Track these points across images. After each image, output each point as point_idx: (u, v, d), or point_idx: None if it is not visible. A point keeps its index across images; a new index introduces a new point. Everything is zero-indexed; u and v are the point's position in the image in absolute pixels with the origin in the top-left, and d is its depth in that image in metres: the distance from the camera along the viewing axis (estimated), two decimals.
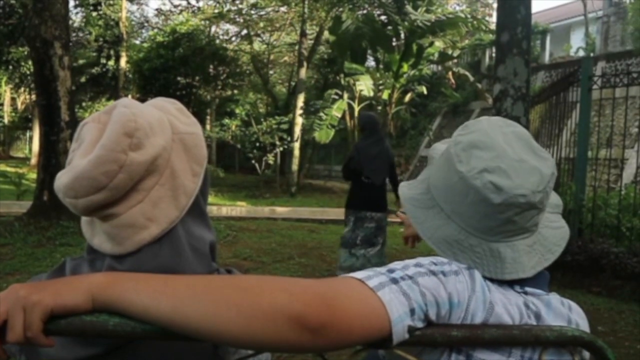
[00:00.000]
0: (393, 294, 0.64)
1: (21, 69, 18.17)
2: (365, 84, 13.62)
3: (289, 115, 16.08)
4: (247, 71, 20.46)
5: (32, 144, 20.15)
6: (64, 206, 0.71)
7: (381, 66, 14.63)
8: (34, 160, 17.08)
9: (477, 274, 0.73)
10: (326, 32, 16.25)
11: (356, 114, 14.99)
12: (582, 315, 0.81)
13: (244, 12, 18.69)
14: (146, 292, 0.61)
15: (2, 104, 25.16)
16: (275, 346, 0.60)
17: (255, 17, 19.34)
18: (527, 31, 4.72)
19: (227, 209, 11.78)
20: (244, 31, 20.40)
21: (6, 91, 24.05)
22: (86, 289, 0.62)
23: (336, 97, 14.77)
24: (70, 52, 7.65)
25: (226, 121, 17.97)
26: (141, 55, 18.76)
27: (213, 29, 20.83)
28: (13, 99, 25.71)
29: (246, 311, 0.59)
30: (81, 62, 19.20)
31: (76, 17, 19.12)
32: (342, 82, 14.84)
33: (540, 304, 0.75)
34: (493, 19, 19.09)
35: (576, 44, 20.76)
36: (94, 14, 18.14)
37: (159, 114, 0.75)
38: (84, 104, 19.64)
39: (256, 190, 15.48)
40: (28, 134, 26.15)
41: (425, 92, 15.71)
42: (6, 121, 25.24)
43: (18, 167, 18.12)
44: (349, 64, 14.01)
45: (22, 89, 22.65)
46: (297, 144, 15.40)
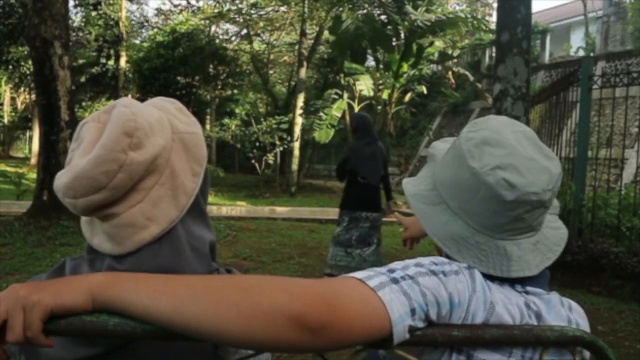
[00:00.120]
0: (394, 294, 0.64)
1: (21, 68, 18.17)
2: (365, 84, 13.62)
3: (289, 115, 16.06)
4: (247, 71, 20.44)
5: (32, 144, 20.12)
6: (63, 206, 0.70)
7: (381, 66, 14.62)
8: (33, 160, 17.07)
9: (477, 274, 0.73)
10: (326, 31, 16.24)
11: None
12: (583, 314, 0.81)
13: (244, 11, 18.69)
14: (146, 292, 0.61)
15: (2, 104, 25.15)
16: (275, 346, 0.60)
17: (255, 16, 19.33)
18: (527, 31, 4.72)
19: (227, 208, 11.78)
20: (244, 31, 20.39)
21: (6, 91, 24.03)
22: (86, 289, 0.62)
23: (336, 97, 14.76)
24: (70, 52, 7.65)
25: (226, 121, 17.96)
26: (141, 54, 18.75)
27: (213, 28, 20.82)
28: (13, 99, 25.70)
29: (246, 311, 0.59)
30: (81, 61, 19.19)
31: (76, 16, 19.13)
32: (342, 81, 14.84)
33: (541, 303, 0.75)
34: (493, 19, 19.09)
35: (576, 44, 20.77)
36: (94, 13, 18.14)
37: (159, 113, 0.74)
38: (83, 103, 19.64)
39: (256, 190, 15.47)
40: (28, 134, 26.12)
41: (425, 91, 15.71)
42: (6, 121, 25.22)
43: (18, 166, 18.11)
44: (349, 63, 14.00)
45: (22, 89, 22.65)
46: (297, 144, 15.40)
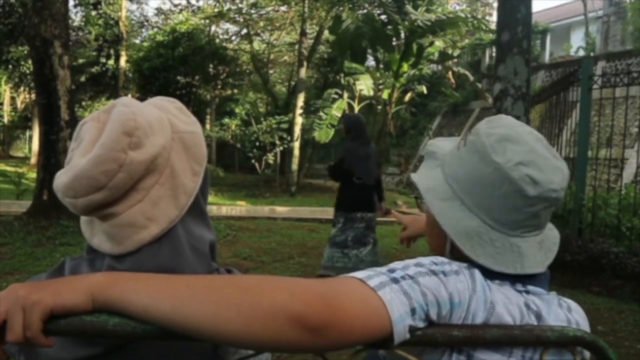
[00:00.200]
0: (394, 294, 0.64)
1: (21, 68, 18.16)
2: (365, 84, 13.61)
3: (289, 115, 16.06)
4: (247, 70, 20.44)
5: (32, 143, 20.12)
6: (63, 205, 0.70)
7: (381, 66, 14.61)
8: (33, 160, 17.06)
9: (477, 274, 0.73)
10: (326, 31, 16.23)
11: (356, 113, 14.99)
12: (582, 314, 0.81)
13: (244, 11, 18.68)
14: (146, 291, 0.61)
15: (1, 103, 25.14)
16: (275, 346, 0.60)
17: (255, 16, 19.32)
18: (527, 30, 4.72)
19: (226, 208, 11.78)
20: (244, 30, 20.37)
21: (6, 90, 24.02)
22: (86, 289, 0.62)
23: (336, 97, 14.76)
24: (70, 51, 7.65)
25: (226, 120, 17.95)
26: (141, 54, 18.75)
27: (213, 28, 20.81)
28: (13, 98, 25.68)
29: (246, 311, 0.58)
30: (81, 61, 19.18)
31: (76, 16, 19.13)
32: (342, 81, 14.84)
33: (541, 303, 0.75)
34: (493, 19, 19.09)
35: (576, 44, 20.77)
36: (94, 13, 18.14)
37: (159, 113, 0.74)
38: (83, 103, 19.63)
39: (256, 190, 15.47)
40: (28, 133, 26.12)
41: (425, 91, 15.72)
42: (6, 120, 25.20)
43: (18, 166, 18.09)
44: (349, 63, 14.00)
45: (22, 88, 22.65)
46: (297, 144, 15.39)
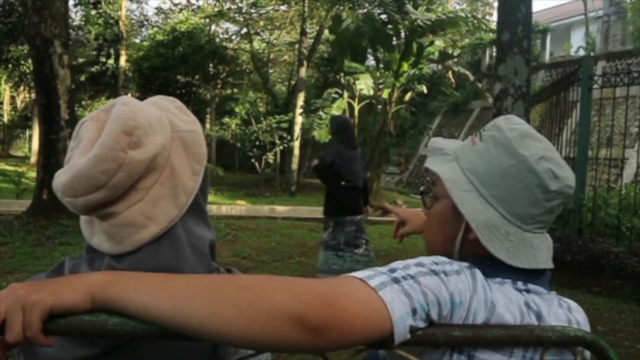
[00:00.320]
0: (394, 294, 0.64)
1: (21, 67, 18.15)
2: (365, 83, 13.60)
3: (289, 114, 16.06)
4: (247, 70, 20.44)
5: (32, 143, 20.11)
6: (63, 205, 0.70)
7: (381, 65, 14.60)
8: (33, 159, 17.05)
9: (478, 274, 0.73)
10: (326, 31, 16.23)
11: (356, 112, 14.98)
12: (583, 313, 0.81)
13: (244, 10, 18.67)
14: (146, 291, 0.61)
15: (1, 103, 25.13)
16: (276, 346, 0.60)
17: (255, 15, 19.32)
18: (527, 30, 4.72)
19: (226, 207, 11.78)
20: (244, 30, 20.37)
21: (6, 90, 24.01)
22: (86, 289, 0.61)
23: (336, 96, 14.76)
24: (69, 51, 7.66)
25: (226, 120, 17.95)
26: (141, 53, 18.75)
27: (213, 27, 20.81)
28: (13, 98, 25.68)
29: (246, 311, 0.58)
30: (81, 60, 19.19)
31: (76, 15, 19.13)
32: (342, 81, 14.83)
33: (541, 302, 0.75)
34: (493, 18, 19.09)
35: (576, 43, 20.77)
36: (94, 12, 18.13)
37: (159, 112, 0.74)
38: (83, 102, 19.63)
39: (256, 189, 15.47)
40: (28, 133, 26.10)
41: (426, 91, 15.72)
42: (6, 120, 25.19)
43: (18, 165, 18.07)
44: (349, 62, 13.99)
45: (22, 88, 22.66)
46: (297, 143, 15.40)
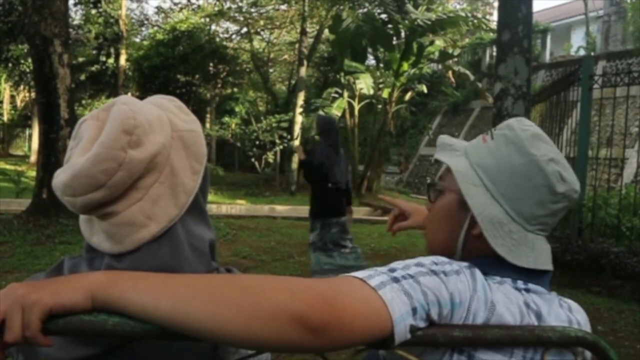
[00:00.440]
0: (394, 293, 0.64)
1: (21, 66, 18.14)
2: (365, 83, 13.60)
3: (289, 114, 16.06)
4: (247, 69, 20.45)
5: (32, 142, 20.11)
6: (63, 204, 0.70)
7: (381, 65, 14.60)
8: (33, 158, 17.04)
9: (478, 274, 0.72)
10: (326, 30, 16.22)
11: (356, 112, 14.97)
12: (584, 314, 0.81)
13: (244, 10, 18.68)
14: (146, 291, 0.61)
15: (1, 102, 25.11)
16: (276, 346, 0.60)
17: (255, 15, 19.32)
18: (528, 30, 4.71)
19: (226, 207, 11.78)
20: (244, 29, 20.37)
21: (5, 89, 24.00)
22: (85, 288, 0.61)
23: (336, 96, 14.74)
24: (69, 50, 7.65)
25: (226, 119, 17.94)
26: (141, 53, 18.76)
27: (213, 27, 20.79)
28: (12, 97, 25.67)
29: (246, 311, 0.58)
30: (81, 59, 19.18)
31: (76, 14, 19.12)
32: (342, 80, 14.81)
33: (541, 302, 0.75)
34: (493, 18, 19.08)
35: (577, 43, 20.78)
36: (94, 11, 18.12)
37: (158, 111, 0.74)
38: (83, 101, 19.63)
39: (256, 189, 15.47)
40: (27, 132, 26.12)
41: (426, 90, 15.70)
42: (5, 119, 25.18)
43: (17, 164, 18.05)
44: (349, 62, 13.98)
45: (22, 87, 22.65)
46: (296, 142, 15.39)
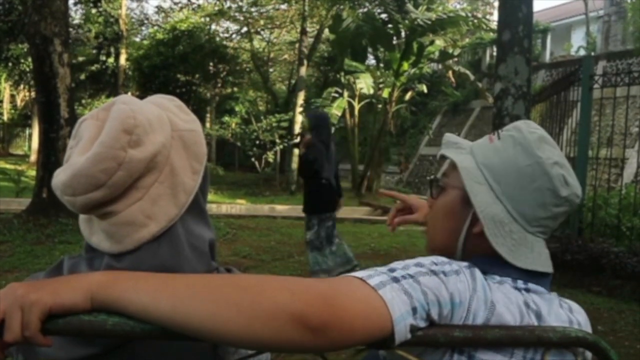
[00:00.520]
0: (394, 293, 0.64)
1: (21, 66, 18.14)
2: (365, 82, 13.60)
3: (289, 113, 16.06)
4: (247, 69, 20.45)
5: (32, 141, 20.12)
6: (63, 204, 0.70)
7: (381, 64, 14.60)
8: (33, 158, 17.04)
9: (478, 274, 0.72)
10: (326, 30, 16.22)
11: (356, 112, 14.97)
12: (584, 314, 0.81)
13: (244, 9, 18.68)
14: (145, 291, 0.61)
15: (1, 101, 25.12)
16: (276, 346, 0.60)
17: (255, 14, 19.33)
18: (528, 30, 4.70)
19: (226, 206, 11.78)
20: (244, 29, 20.38)
21: (5, 88, 24.00)
22: (85, 288, 0.61)
23: (336, 95, 14.74)
24: (69, 49, 7.65)
25: (226, 119, 17.94)
26: (141, 52, 18.77)
27: (213, 26, 20.79)
28: (12, 96, 25.67)
29: (246, 310, 0.58)
30: (81, 59, 19.18)
31: (76, 14, 19.12)
32: (342, 80, 14.82)
33: (541, 302, 0.75)
34: (493, 18, 19.09)
35: (577, 43, 20.77)
36: (94, 10, 18.12)
37: (158, 111, 0.74)
38: (83, 101, 19.64)
39: (256, 188, 15.47)
40: (27, 131, 26.12)
41: (426, 90, 15.70)
42: (5, 118, 25.19)
43: (17, 164, 18.05)
44: (349, 62, 13.98)
45: (22, 86, 22.65)
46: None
